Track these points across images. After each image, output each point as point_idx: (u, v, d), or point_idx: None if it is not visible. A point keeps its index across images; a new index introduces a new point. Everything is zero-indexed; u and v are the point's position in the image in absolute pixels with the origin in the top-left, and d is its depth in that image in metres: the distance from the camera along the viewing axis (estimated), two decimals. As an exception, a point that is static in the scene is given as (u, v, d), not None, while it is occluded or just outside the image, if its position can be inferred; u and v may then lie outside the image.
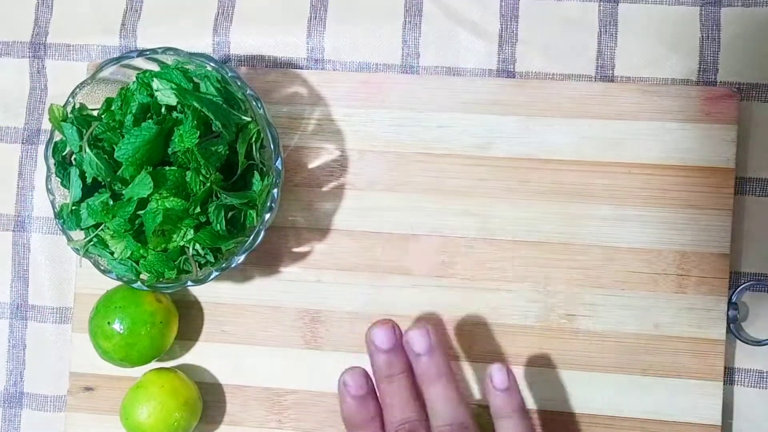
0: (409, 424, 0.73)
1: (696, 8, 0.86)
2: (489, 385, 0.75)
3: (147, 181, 0.75)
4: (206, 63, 0.78)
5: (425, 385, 0.75)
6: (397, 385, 0.75)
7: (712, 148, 0.84)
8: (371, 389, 0.76)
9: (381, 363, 0.76)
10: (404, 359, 0.76)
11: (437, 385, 0.74)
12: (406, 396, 0.75)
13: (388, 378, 0.75)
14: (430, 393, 0.74)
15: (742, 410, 0.85)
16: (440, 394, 0.74)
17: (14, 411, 0.92)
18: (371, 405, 0.75)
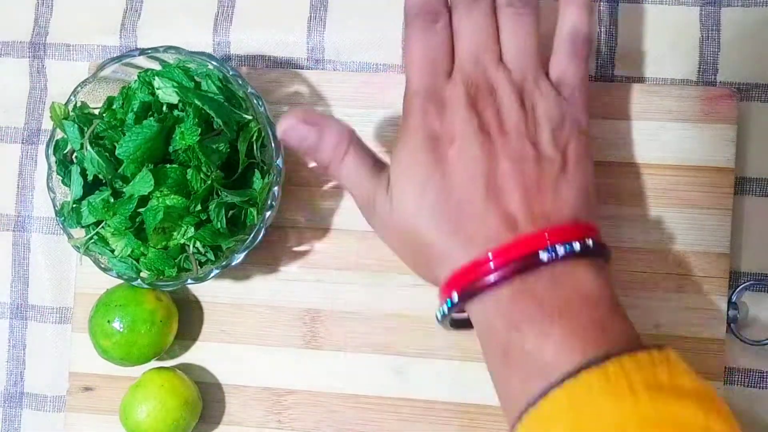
0: (483, 56, 0.72)
1: (696, 8, 0.86)
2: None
3: (148, 179, 0.75)
4: (207, 62, 0.79)
5: (505, 14, 0.74)
6: (477, 11, 0.74)
7: (712, 148, 0.84)
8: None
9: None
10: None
11: (521, 23, 0.73)
12: (485, 25, 0.73)
13: (471, 1, 0.74)
14: (506, 24, 0.73)
15: (741, 410, 0.85)
16: (522, 31, 0.73)
17: (14, 411, 0.92)
18: (442, 11, 0.74)
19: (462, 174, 0.69)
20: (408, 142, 0.72)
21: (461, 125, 0.70)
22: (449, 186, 0.69)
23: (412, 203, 0.70)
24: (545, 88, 0.73)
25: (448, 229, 0.69)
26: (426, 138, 0.71)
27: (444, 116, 0.71)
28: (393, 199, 0.72)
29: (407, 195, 0.71)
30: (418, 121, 0.72)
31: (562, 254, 0.66)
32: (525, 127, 0.71)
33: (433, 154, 0.70)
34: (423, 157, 0.70)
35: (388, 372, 0.86)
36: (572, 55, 0.75)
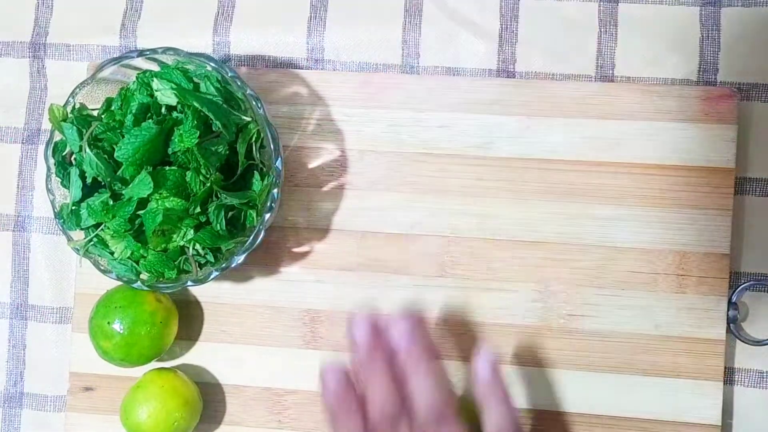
0: (391, 414, 0.72)
1: (696, 8, 0.86)
2: (473, 375, 0.75)
3: (147, 181, 0.75)
4: (206, 63, 0.78)
5: (408, 374, 0.74)
6: (379, 377, 0.74)
7: (712, 148, 0.84)
8: (351, 382, 0.75)
9: (362, 353, 0.75)
10: (386, 349, 0.75)
11: (418, 375, 0.73)
12: (387, 387, 0.74)
13: (370, 368, 0.74)
14: (411, 382, 0.73)
15: (742, 410, 0.85)
16: (420, 383, 0.73)
17: (14, 411, 0.92)
18: (352, 397, 0.75)
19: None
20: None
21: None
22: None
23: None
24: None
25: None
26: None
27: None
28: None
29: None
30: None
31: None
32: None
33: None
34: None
35: (387, 372, 0.86)
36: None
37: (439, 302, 0.86)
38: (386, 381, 0.74)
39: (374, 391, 0.74)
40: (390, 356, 0.75)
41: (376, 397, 0.74)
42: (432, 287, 0.86)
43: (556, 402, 0.85)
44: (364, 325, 0.75)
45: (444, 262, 0.86)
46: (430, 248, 0.86)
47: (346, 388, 0.74)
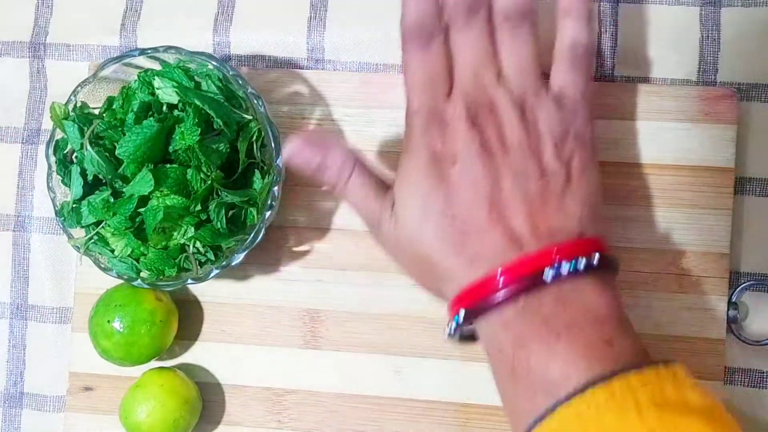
0: (486, 78, 0.72)
1: (696, 8, 0.86)
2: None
3: (148, 179, 0.75)
4: (207, 62, 0.79)
5: (502, 28, 0.73)
6: (474, 28, 0.73)
7: (712, 148, 0.84)
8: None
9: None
10: None
11: (516, 30, 0.73)
12: (484, 46, 0.73)
13: (466, 16, 0.73)
14: (504, 38, 0.73)
15: (742, 410, 0.85)
16: (517, 41, 0.73)
17: (14, 411, 0.92)
18: (440, 22, 0.73)
19: (465, 194, 0.70)
20: (410, 163, 0.72)
21: (463, 145, 0.70)
22: (453, 206, 0.70)
23: (417, 223, 0.71)
24: (546, 102, 0.72)
25: (453, 249, 0.70)
26: (428, 158, 0.71)
27: (445, 136, 0.71)
28: (398, 219, 0.72)
29: (412, 215, 0.71)
30: (420, 142, 0.72)
31: (566, 272, 0.66)
32: (527, 143, 0.71)
33: (435, 175, 0.70)
34: (426, 177, 0.71)
35: (388, 372, 0.86)
36: (573, 67, 0.74)
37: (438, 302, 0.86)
38: (481, 35, 0.73)
39: (464, 44, 0.73)
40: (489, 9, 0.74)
41: (466, 51, 0.72)
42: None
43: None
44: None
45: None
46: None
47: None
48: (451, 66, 0.73)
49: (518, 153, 0.70)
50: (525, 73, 0.73)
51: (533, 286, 0.66)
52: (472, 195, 0.69)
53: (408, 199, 0.71)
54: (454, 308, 0.70)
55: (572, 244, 0.68)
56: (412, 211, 0.71)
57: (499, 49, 0.73)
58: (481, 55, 0.73)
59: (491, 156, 0.70)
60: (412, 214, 0.71)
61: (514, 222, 0.69)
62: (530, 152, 0.70)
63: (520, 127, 0.71)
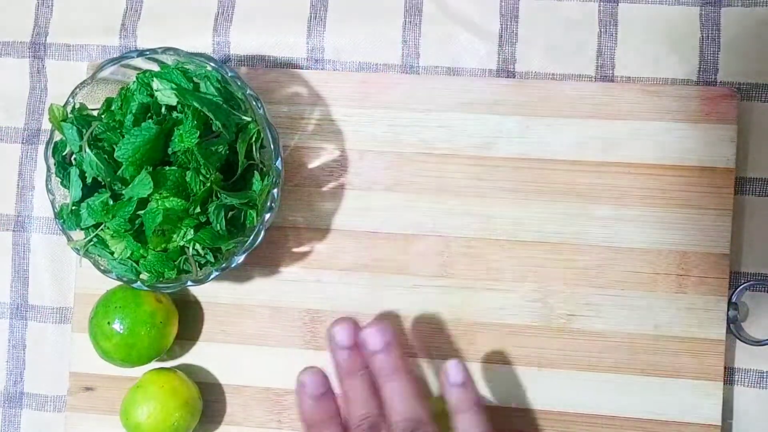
0: (370, 419, 0.73)
1: (696, 8, 0.86)
2: (444, 381, 0.76)
3: (147, 181, 0.75)
4: (206, 63, 0.78)
5: (382, 382, 0.75)
6: (359, 382, 0.75)
7: (712, 148, 0.84)
8: (329, 389, 0.76)
9: (342, 360, 0.76)
10: (363, 356, 0.76)
11: (393, 381, 0.74)
12: (367, 392, 0.75)
13: (349, 375, 0.75)
14: (386, 389, 0.74)
15: (742, 410, 0.85)
16: (396, 389, 0.74)
17: (14, 411, 0.92)
18: (330, 404, 0.75)
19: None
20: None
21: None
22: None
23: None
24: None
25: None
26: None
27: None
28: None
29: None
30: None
31: None
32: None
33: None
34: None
35: (387, 372, 0.86)
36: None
37: (439, 302, 0.86)
38: (365, 384, 0.75)
39: (353, 394, 0.75)
40: (367, 364, 0.76)
41: (356, 400, 0.75)
42: (432, 287, 0.86)
43: (556, 401, 0.85)
44: (345, 329, 0.76)
45: (444, 262, 0.86)
46: (430, 248, 0.86)
47: (323, 395, 0.75)
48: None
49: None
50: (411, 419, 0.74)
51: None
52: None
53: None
54: None
55: None
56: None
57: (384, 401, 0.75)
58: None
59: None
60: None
61: None
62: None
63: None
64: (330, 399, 0.76)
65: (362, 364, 0.76)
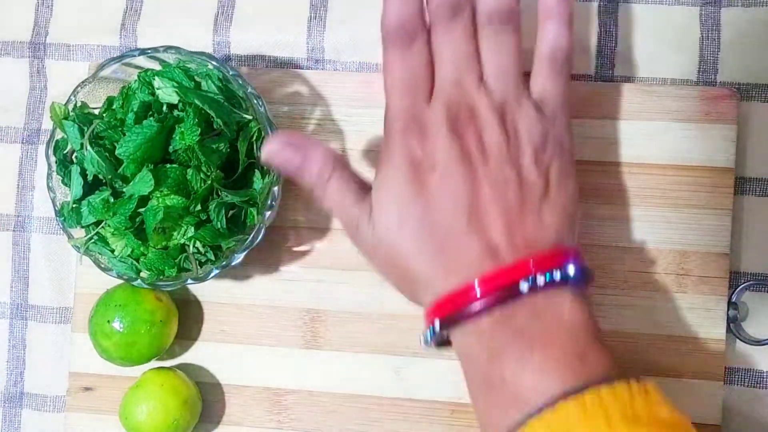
0: (467, 82, 0.71)
1: (696, 8, 0.86)
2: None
3: (148, 179, 0.75)
4: (207, 61, 0.79)
5: (486, 34, 0.72)
6: (458, 34, 0.72)
7: (712, 148, 0.84)
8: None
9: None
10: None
11: (501, 35, 0.72)
12: (466, 49, 0.72)
13: (451, 19, 0.72)
14: (488, 46, 0.72)
15: (742, 410, 0.85)
16: (502, 53, 0.72)
17: (14, 411, 0.92)
18: (422, 23, 0.72)
19: (443, 202, 0.69)
20: (389, 168, 0.71)
21: (442, 151, 0.70)
22: (431, 214, 0.69)
23: (395, 230, 0.70)
24: (527, 109, 0.71)
25: (430, 258, 0.69)
26: (407, 164, 0.70)
27: (425, 141, 0.70)
28: (375, 225, 0.71)
29: (389, 222, 0.70)
30: (399, 147, 0.71)
31: (542, 284, 0.66)
32: (507, 151, 0.70)
33: (414, 181, 0.70)
34: (404, 184, 0.70)
35: (388, 372, 0.86)
36: (553, 74, 0.74)
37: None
38: (463, 38, 0.72)
39: (446, 47, 0.72)
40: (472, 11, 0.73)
41: (448, 55, 0.72)
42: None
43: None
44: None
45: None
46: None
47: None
48: (432, 68, 0.73)
49: (497, 161, 0.69)
50: (506, 77, 0.72)
51: (509, 297, 0.66)
52: (450, 204, 0.69)
53: (386, 205, 0.71)
54: (430, 317, 0.70)
55: (548, 255, 0.68)
56: (390, 218, 0.70)
57: (481, 52, 0.73)
58: (463, 59, 0.72)
59: (471, 164, 0.69)
60: (390, 220, 0.70)
61: (491, 232, 0.68)
62: (509, 161, 0.69)
63: (500, 135, 0.70)
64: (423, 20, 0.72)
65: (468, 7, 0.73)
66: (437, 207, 0.69)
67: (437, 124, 0.70)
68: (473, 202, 0.69)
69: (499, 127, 0.70)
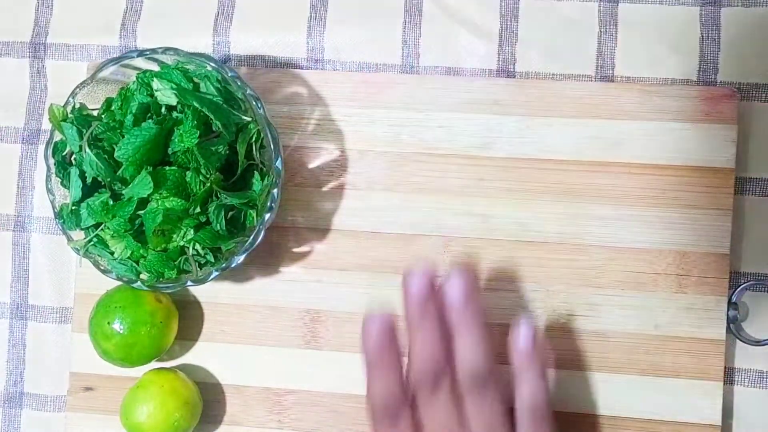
0: (435, 370, 0.71)
1: (696, 8, 0.86)
2: (513, 343, 0.75)
3: (147, 181, 0.75)
4: (206, 63, 0.78)
5: (457, 332, 0.73)
6: (428, 328, 0.73)
7: (712, 148, 0.84)
8: (395, 334, 0.73)
9: (414, 305, 0.73)
10: (437, 305, 0.74)
11: (468, 334, 0.72)
12: (435, 340, 0.72)
13: (419, 320, 0.73)
14: (459, 341, 0.72)
15: (742, 410, 0.85)
16: (469, 343, 0.72)
17: (14, 411, 0.92)
18: (395, 348, 0.73)
19: None
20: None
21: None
22: None
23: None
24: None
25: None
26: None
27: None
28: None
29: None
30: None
31: None
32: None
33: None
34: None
35: (388, 372, 0.86)
36: (535, 424, 0.74)
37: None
38: (435, 335, 0.73)
39: (422, 344, 0.73)
40: (440, 314, 0.74)
41: (423, 351, 0.72)
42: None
43: (556, 402, 0.85)
44: (421, 277, 0.73)
45: (444, 262, 0.86)
46: (430, 248, 0.86)
47: (389, 337, 0.73)
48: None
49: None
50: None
51: None
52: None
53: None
54: None
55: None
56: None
57: (466, 410, 0.73)
58: (449, 424, 0.72)
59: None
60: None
61: None
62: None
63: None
64: (396, 342, 0.73)
65: (434, 311, 0.73)
66: None
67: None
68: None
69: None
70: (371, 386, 0.73)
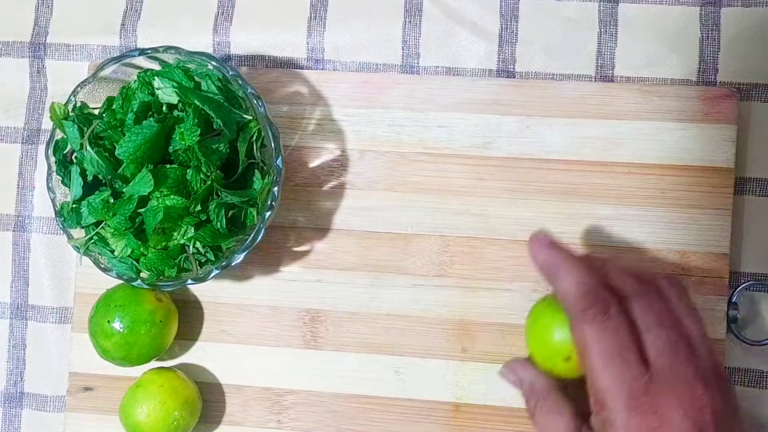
0: (681, 353, 0.68)
1: (696, 8, 0.86)
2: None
3: (148, 179, 0.75)
4: (207, 62, 0.79)
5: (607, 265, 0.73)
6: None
7: (712, 148, 0.84)
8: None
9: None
10: None
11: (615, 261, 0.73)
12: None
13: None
14: (611, 270, 0.72)
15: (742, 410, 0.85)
16: (623, 264, 0.73)
17: (14, 411, 0.92)
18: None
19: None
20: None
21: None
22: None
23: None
24: None
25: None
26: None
27: (661, 424, 0.66)
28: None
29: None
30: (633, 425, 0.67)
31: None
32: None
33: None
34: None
35: (388, 372, 0.86)
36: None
37: (439, 302, 0.86)
38: (660, 307, 0.70)
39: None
40: None
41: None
42: (432, 287, 0.86)
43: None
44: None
45: (444, 262, 0.86)
46: (430, 248, 0.86)
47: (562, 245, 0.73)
48: (635, 334, 0.69)
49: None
50: (704, 340, 0.71)
51: None
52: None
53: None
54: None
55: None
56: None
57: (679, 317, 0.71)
58: (673, 332, 0.69)
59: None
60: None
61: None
62: None
63: (715, 402, 0.67)
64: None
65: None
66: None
67: (670, 409, 0.66)
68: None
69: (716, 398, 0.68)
70: (563, 283, 0.71)
